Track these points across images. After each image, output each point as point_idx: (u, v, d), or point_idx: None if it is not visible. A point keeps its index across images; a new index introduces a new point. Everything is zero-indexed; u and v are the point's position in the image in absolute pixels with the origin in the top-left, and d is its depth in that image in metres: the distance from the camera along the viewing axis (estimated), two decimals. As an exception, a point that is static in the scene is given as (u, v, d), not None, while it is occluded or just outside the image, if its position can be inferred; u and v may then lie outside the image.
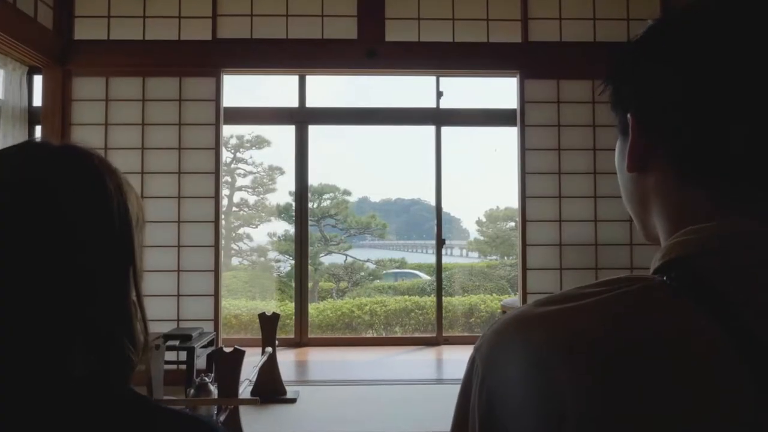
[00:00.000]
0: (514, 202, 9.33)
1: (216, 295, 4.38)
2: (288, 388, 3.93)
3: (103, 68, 4.40)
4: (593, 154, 4.47)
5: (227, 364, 2.94)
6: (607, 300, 0.44)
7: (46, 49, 4.17)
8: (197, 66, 4.42)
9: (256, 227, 8.97)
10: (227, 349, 2.96)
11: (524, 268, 4.44)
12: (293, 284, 5.61)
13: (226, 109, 4.56)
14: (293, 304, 5.52)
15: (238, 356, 2.93)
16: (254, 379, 3.71)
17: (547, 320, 0.45)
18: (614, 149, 0.57)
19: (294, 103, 5.15)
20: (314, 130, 5.34)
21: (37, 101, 4.45)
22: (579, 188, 4.49)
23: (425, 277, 9.45)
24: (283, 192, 9.72)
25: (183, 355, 3.82)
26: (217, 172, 4.43)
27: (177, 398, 3.12)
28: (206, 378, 3.23)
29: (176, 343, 3.78)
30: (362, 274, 9.07)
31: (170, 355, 3.94)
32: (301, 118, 5.17)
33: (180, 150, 4.43)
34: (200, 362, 3.85)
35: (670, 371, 0.40)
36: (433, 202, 5.46)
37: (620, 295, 0.44)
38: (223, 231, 8.52)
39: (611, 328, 0.42)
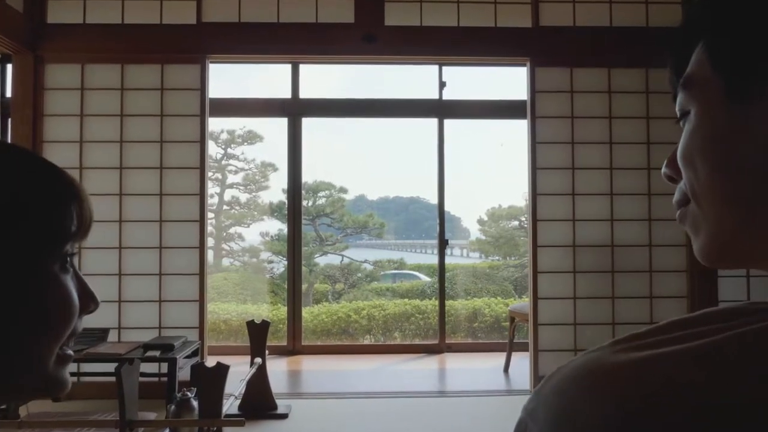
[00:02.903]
0: (517, 200, 9.12)
1: (201, 301, 4.06)
2: (279, 402, 3.66)
3: (78, 54, 4.07)
4: (609, 147, 4.16)
5: (209, 381, 2.65)
6: (726, 343, 0.30)
7: (15, 33, 3.84)
8: (181, 52, 4.10)
9: (248, 226, 8.66)
10: (209, 364, 2.66)
11: (535, 271, 4.12)
12: (286, 286, 5.28)
13: (213, 100, 4.24)
14: (286, 308, 5.20)
15: (221, 372, 2.64)
16: (242, 393, 3.42)
17: (635, 373, 0.31)
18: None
19: (286, 93, 4.84)
20: (308, 123, 5.04)
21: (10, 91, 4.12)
22: (594, 185, 4.17)
23: (425, 278, 9.13)
24: (277, 189, 9.40)
25: (165, 367, 3.51)
26: (202, 167, 4.10)
27: (152, 420, 2.80)
28: (189, 393, 2.95)
29: (157, 353, 3.49)
30: (359, 275, 8.75)
31: (151, 367, 3.70)
32: (294, 110, 4.85)
33: (162, 143, 4.11)
34: (184, 374, 3.56)
35: None
36: (432, 200, 5.17)
37: (744, 335, 0.31)
38: (213, 231, 8.28)
39: (740, 387, 0.28)
